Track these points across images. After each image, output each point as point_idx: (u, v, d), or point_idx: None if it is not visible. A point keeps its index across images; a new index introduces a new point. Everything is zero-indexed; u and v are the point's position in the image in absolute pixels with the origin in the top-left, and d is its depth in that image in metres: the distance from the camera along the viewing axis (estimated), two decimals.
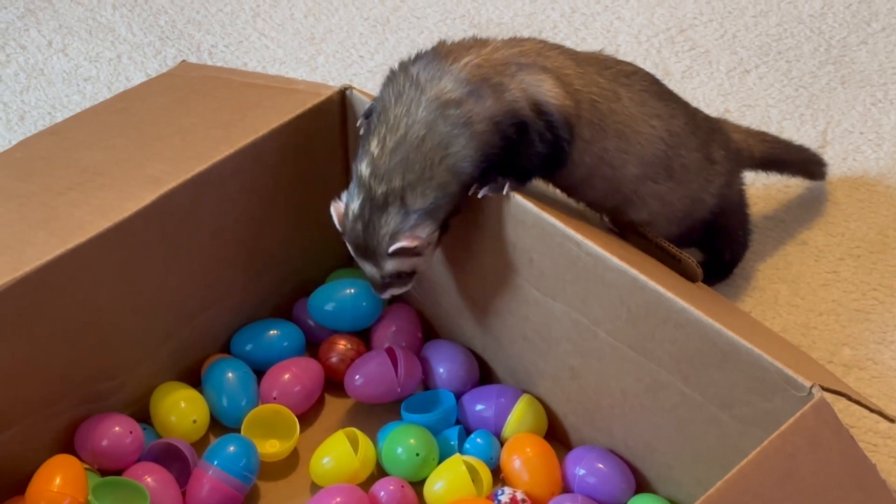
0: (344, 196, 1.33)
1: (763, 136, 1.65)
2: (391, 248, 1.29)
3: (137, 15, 1.98)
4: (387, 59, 1.88)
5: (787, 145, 1.70)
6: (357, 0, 2.03)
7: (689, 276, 1.31)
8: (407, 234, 1.28)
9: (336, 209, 1.33)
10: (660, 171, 1.42)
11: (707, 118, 1.51)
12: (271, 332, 1.48)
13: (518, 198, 1.29)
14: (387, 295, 1.35)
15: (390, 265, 1.31)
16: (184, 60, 1.66)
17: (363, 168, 1.29)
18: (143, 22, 1.97)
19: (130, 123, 1.48)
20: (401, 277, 1.33)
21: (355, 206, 1.30)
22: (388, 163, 1.28)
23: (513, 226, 1.31)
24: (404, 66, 1.33)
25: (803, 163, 1.72)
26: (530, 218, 1.29)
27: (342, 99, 1.43)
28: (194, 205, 1.33)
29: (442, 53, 1.32)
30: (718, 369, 1.19)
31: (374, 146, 1.29)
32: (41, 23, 1.95)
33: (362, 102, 1.40)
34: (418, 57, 1.34)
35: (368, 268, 1.33)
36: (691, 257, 1.37)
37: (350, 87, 1.42)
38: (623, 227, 1.45)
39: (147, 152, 1.39)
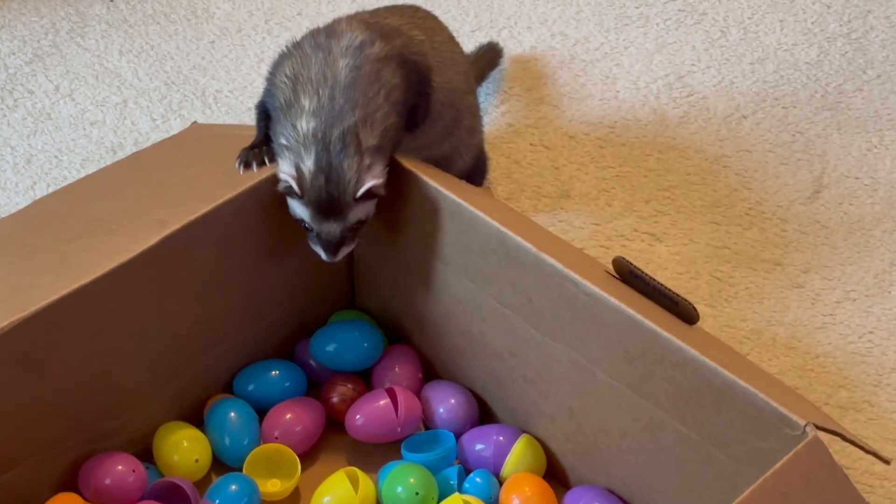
0: (283, 165, 1.33)
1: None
2: (360, 191, 1.31)
3: (143, 61, 2.00)
4: None
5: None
6: None
7: (686, 319, 1.33)
8: (371, 173, 1.31)
9: (289, 175, 1.32)
10: (470, 82, 1.64)
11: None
12: (273, 372, 1.49)
13: (517, 238, 1.31)
14: (340, 256, 1.36)
15: (354, 214, 1.33)
16: (195, 122, 1.69)
17: (305, 124, 1.32)
18: (149, 67, 1.99)
19: (140, 177, 1.52)
20: (354, 230, 1.35)
21: (310, 163, 1.31)
22: (332, 108, 1.32)
23: (512, 266, 1.33)
24: (296, 44, 1.40)
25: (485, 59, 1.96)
26: (530, 258, 1.31)
27: None
28: (197, 246, 1.34)
29: (325, 26, 1.42)
30: (714, 408, 1.20)
31: (307, 103, 1.33)
32: (49, 68, 1.98)
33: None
34: (304, 37, 1.41)
35: (330, 226, 1.33)
36: (688, 300, 1.38)
37: None
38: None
39: (154, 199, 1.42)
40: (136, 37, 2.04)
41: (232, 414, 1.43)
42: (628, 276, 1.34)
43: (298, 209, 1.34)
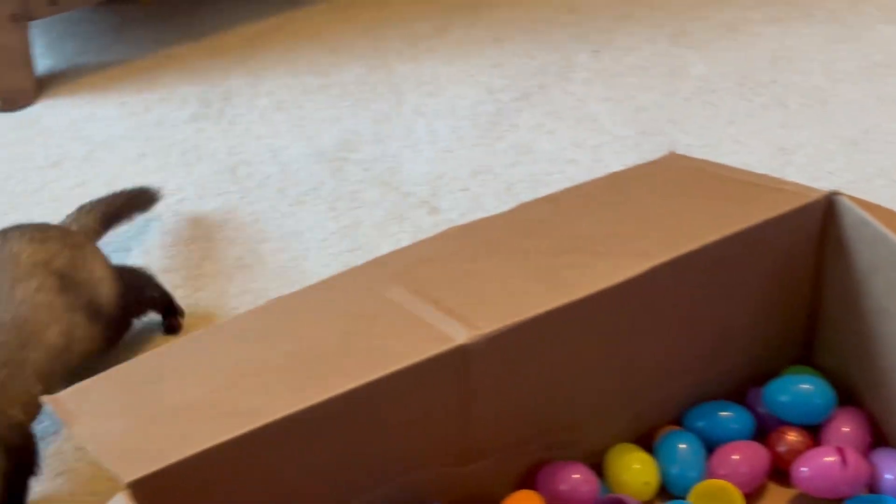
0: None
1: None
2: None
3: (621, 110, 2.08)
4: (856, 179, 1.90)
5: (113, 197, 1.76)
6: (829, 118, 2.05)
7: None
8: None
9: None
10: None
11: None
12: (724, 413, 1.50)
13: None
14: None
15: None
16: (672, 151, 1.73)
17: None
18: (626, 117, 2.06)
19: (620, 201, 1.56)
20: None
21: None
22: None
23: None
24: None
25: (133, 201, 1.78)
26: None
27: (828, 203, 1.45)
28: (678, 282, 1.38)
29: None
30: None
31: None
32: (534, 106, 2.09)
33: (850, 209, 1.42)
34: None
35: None
36: None
37: (838, 193, 1.44)
38: None
39: (636, 229, 1.46)
40: (616, 86, 2.13)
41: (682, 445, 1.45)
42: None
43: None
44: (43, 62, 2.10)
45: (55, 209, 1.85)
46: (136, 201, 1.79)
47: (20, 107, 2.03)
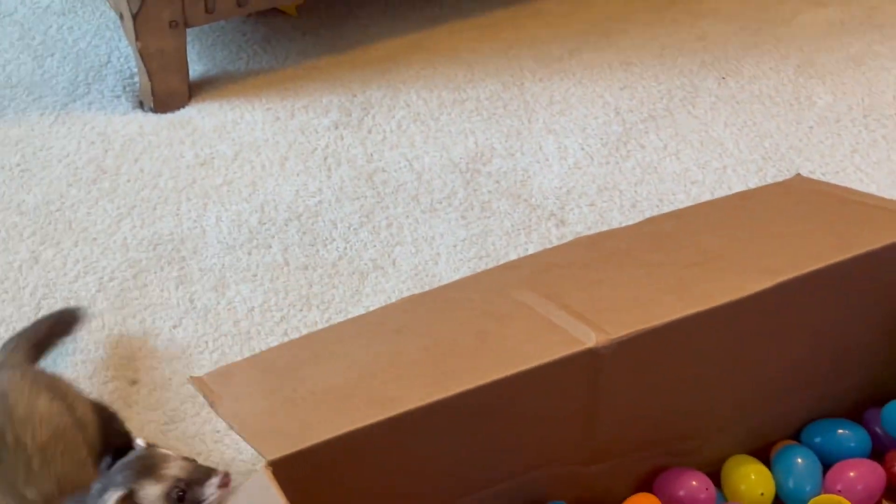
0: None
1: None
2: None
3: (745, 134, 2.10)
4: None
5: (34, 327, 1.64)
6: None
7: None
8: None
9: None
10: None
11: None
12: (842, 430, 1.52)
13: None
14: None
15: None
16: (798, 174, 1.75)
17: None
18: (750, 142, 2.08)
19: (747, 218, 1.57)
20: None
21: None
22: None
23: None
24: None
25: (56, 327, 1.66)
26: None
27: None
28: (803, 299, 1.40)
29: None
30: None
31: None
32: (660, 128, 2.11)
33: None
34: None
35: None
36: None
37: None
38: None
39: (763, 246, 1.48)
40: (741, 112, 2.15)
41: (799, 459, 1.47)
42: None
43: None
44: (195, 67, 2.17)
45: (202, 205, 1.92)
46: (59, 327, 1.68)
47: (173, 108, 2.09)
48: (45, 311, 1.73)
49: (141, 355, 1.68)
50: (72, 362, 1.68)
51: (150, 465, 1.33)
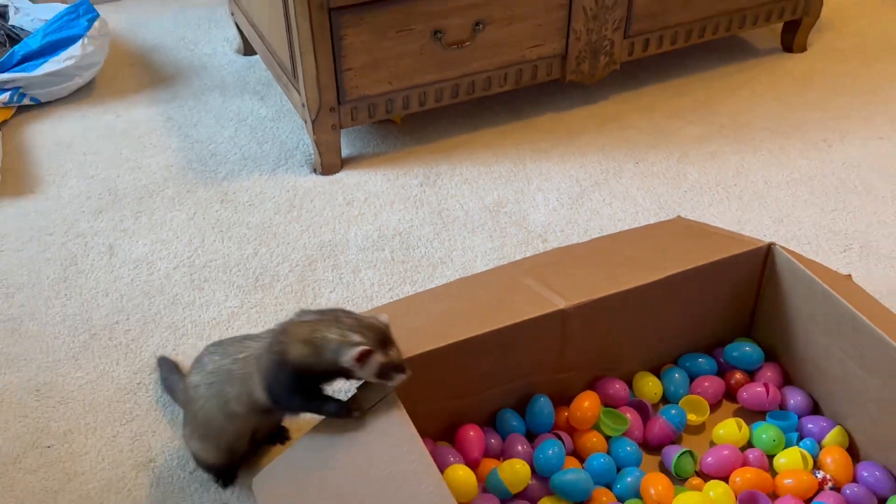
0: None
1: None
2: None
3: (649, 195, 2.05)
4: None
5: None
6: None
7: None
8: None
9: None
10: None
11: None
12: (701, 359, 1.49)
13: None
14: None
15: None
16: (678, 216, 1.71)
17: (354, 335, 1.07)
18: (651, 198, 2.03)
19: (649, 239, 1.53)
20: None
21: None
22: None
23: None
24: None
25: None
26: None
27: (767, 252, 1.42)
28: (683, 284, 1.38)
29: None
30: None
31: (347, 320, 1.09)
32: (601, 190, 2.07)
33: (785, 259, 1.37)
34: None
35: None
36: None
37: (774, 244, 1.42)
38: None
39: (658, 255, 1.44)
40: (646, 182, 2.09)
41: (676, 375, 1.44)
42: None
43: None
44: (345, 150, 2.17)
45: (347, 226, 1.93)
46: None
47: (332, 173, 2.06)
48: (259, 285, 1.72)
49: (312, 306, 1.68)
50: (273, 311, 1.67)
51: (384, 340, 1.10)
